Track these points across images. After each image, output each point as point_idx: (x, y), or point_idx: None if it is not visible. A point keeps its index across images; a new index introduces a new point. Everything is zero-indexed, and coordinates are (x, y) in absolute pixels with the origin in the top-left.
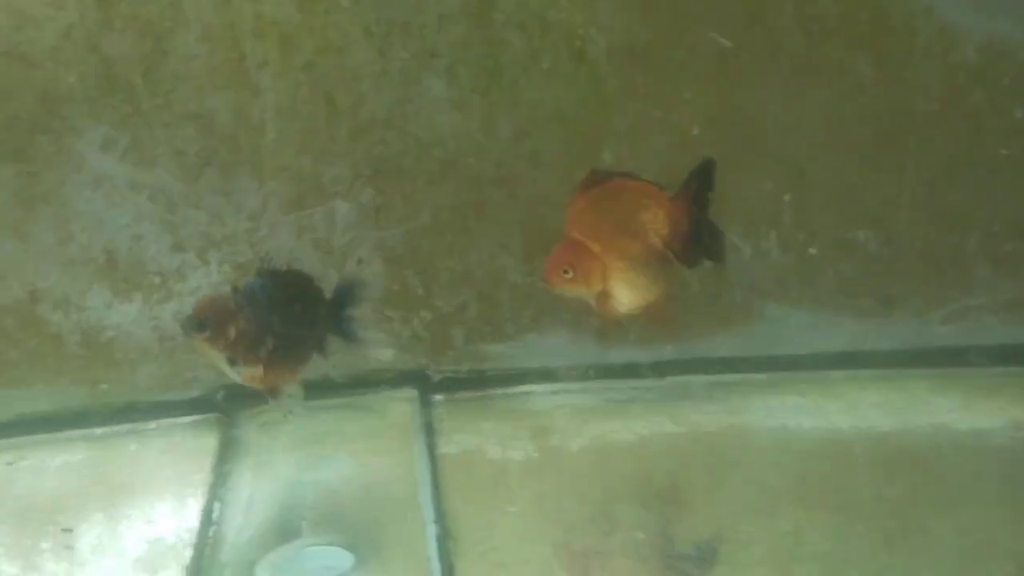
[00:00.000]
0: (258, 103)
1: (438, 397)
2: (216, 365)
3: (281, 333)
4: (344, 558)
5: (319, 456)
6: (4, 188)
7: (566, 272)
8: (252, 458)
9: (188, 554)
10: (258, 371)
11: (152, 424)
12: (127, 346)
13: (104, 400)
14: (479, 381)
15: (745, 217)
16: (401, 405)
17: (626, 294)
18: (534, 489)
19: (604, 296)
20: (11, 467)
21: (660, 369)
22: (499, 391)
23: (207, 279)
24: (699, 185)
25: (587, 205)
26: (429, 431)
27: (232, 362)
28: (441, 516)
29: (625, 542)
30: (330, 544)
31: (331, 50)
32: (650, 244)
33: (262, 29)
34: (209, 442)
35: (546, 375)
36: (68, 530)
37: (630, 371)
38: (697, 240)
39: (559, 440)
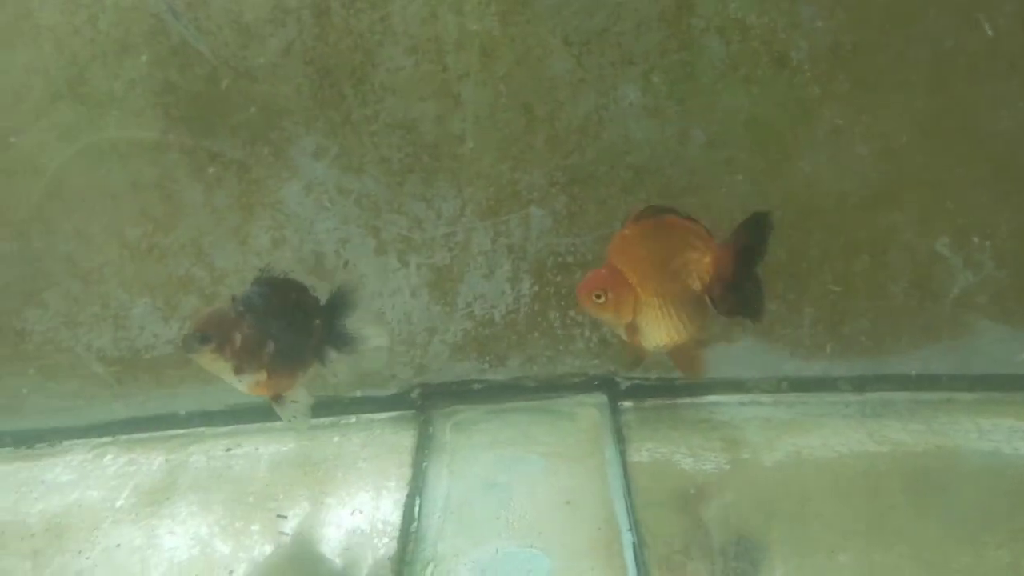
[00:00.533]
0: (459, 112)
1: (626, 404)
2: (221, 376)
3: (281, 340)
4: (542, 562)
5: (512, 457)
6: (228, 194)
7: (598, 297)
8: (448, 456)
9: (392, 547)
10: (262, 376)
11: (352, 418)
12: None
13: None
14: (668, 389)
15: (956, 226)
16: (590, 410)
17: (654, 331)
18: (727, 503)
19: (632, 328)
20: (229, 453)
21: (859, 383)
22: (687, 400)
23: (406, 281)
24: (749, 237)
25: (633, 236)
26: (619, 438)
27: (239, 370)
28: (635, 524)
29: (824, 567)
30: (529, 547)
31: (530, 60)
32: (688, 286)
33: (464, 41)
34: (406, 439)
35: (736, 386)
36: (283, 517)
37: (826, 384)
38: (738, 291)
39: (751, 454)
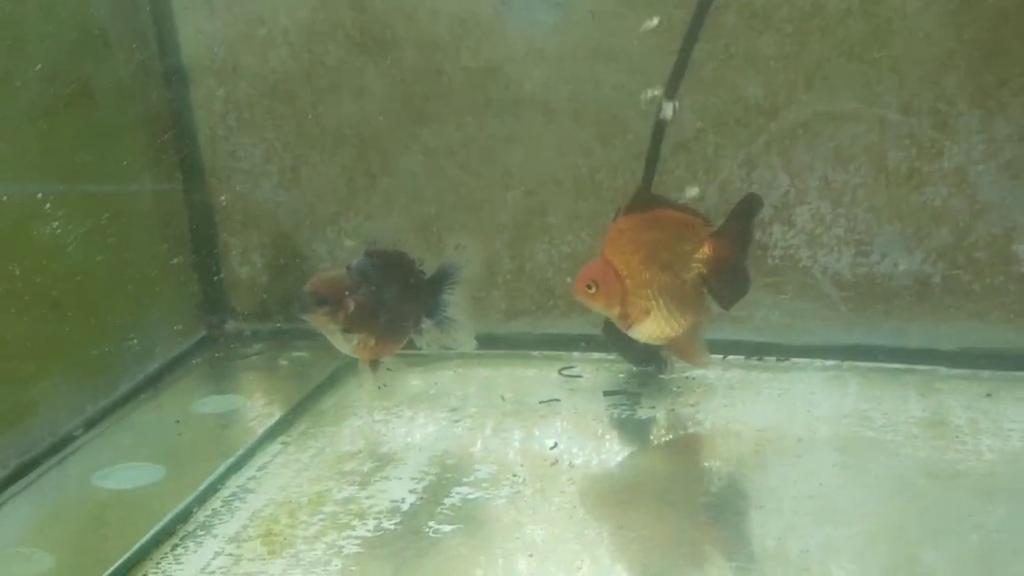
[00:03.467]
0: None
1: None
2: (329, 336)
3: (389, 308)
4: None
5: None
6: (1009, 123)
7: (589, 287)
8: None
9: None
10: (370, 341)
11: None
12: None
13: None
14: None
15: None
16: None
17: (647, 323)
18: None
19: (624, 317)
20: (989, 398)
21: None
22: None
23: None
24: (741, 221)
25: (625, 229)
26: None
27: (348, 331)
28: None
29: None
30: None
31: None
32: (681, 277)
33: None
34: None
35: None
36: None
37: None
38: (735, 279)
39: None
